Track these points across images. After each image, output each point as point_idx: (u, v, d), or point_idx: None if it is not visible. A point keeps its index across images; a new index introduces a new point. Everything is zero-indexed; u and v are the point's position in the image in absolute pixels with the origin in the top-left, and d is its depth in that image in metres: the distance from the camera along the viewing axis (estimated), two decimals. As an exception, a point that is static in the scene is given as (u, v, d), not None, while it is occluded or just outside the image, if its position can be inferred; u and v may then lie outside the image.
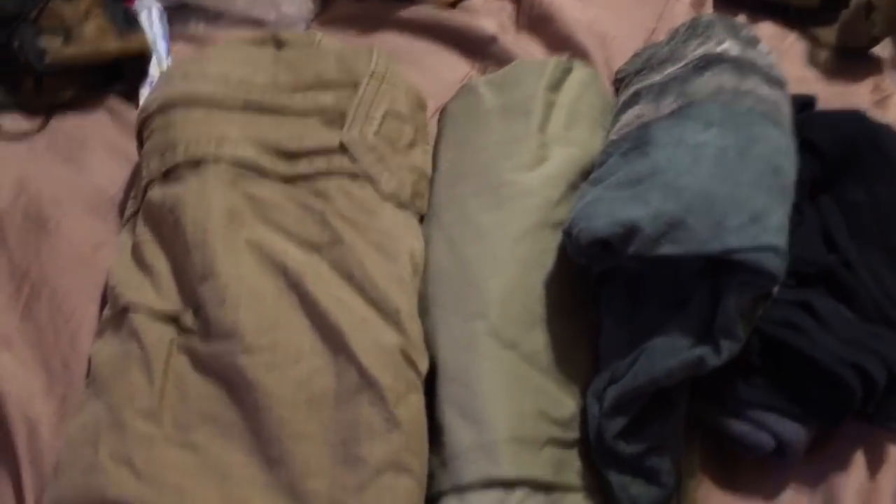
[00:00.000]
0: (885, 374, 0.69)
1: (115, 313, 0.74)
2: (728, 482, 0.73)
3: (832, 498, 0.71)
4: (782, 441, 0.69)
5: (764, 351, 0.71)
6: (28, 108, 0.98)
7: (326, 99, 0.83)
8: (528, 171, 0.77)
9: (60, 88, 0.99)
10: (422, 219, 0.80)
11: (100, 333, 0.75)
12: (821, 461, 0.74)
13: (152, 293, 0.74)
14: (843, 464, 0.73)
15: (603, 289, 0.73)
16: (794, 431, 0.70)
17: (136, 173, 0.86)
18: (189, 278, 0.73)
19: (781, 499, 0.72)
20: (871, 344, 0.70)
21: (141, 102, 0.97)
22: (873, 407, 0.70)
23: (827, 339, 0.70)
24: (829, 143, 0.79)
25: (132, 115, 0.96)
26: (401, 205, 0.78)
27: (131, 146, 0.89)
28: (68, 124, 0.98)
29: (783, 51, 1.06)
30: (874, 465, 0.73)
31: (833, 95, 1.00)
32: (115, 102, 1.00)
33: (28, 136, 0.96)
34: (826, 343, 0.70)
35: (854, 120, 0.83)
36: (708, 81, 0.76)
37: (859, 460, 0.73)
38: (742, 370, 0.70)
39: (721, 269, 0.65)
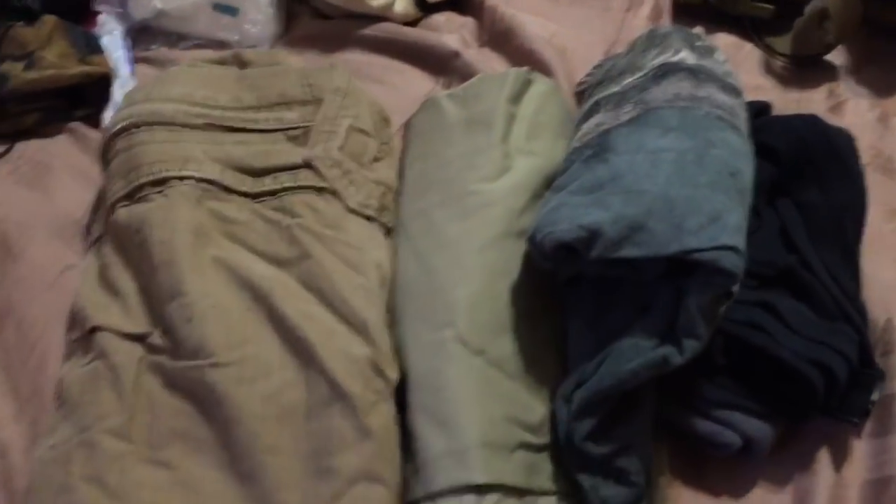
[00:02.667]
0: (845, 370, 0.70)
1: (83, 335, 0.74)
2: (697, 482, 0.74)
3: (803, 495, 0.72)
4: (749, 439, 0.70)
5: (728, 351, 0.72)
6: (-9, 135, 0.97)
7: (290, 116, 0.83)
8: (492, 182, 0.78)
9: (23, 114, 0.98)
10: (389, 231, 0.81)
11: (68, 356, 0.75)
12: (788, 459, 0.74)
13: (120, 315, 0.74)
14: (809, 461, 0.74)
15: (570, 294, 0.74)
16: (760, 429, 0.71)
17: (101, 196, 0.86)
18: (156, 298, 0.73)
19: (750, 497, 0.73)
20: (831, 340, 0.71)
21: (104, 125, 0.97)
22: (836, 402, 0.71)
23: (789, 337, 0.71)
24: (784, 147, 0.81)
25: (96, 138, 0.96)
26: (367, 218, 0.79)
27: (96, 170, 0.89)
28: (32, 150, 0.98)
29: (740, 60, 1.08)
30: (839, 460, 0.74)
31: (789, 102, 1.02)
32: (78, 127, 1.00)
33: (-8, 163, 0.96)
34: (788, 342, 0.71)
35: (808, 123, 0.84)
36: (665, 89, 0.77)
37: (825, 457, 0.74)
38: (708, 370, 0.71)
39: (683, 270, 0.66)
